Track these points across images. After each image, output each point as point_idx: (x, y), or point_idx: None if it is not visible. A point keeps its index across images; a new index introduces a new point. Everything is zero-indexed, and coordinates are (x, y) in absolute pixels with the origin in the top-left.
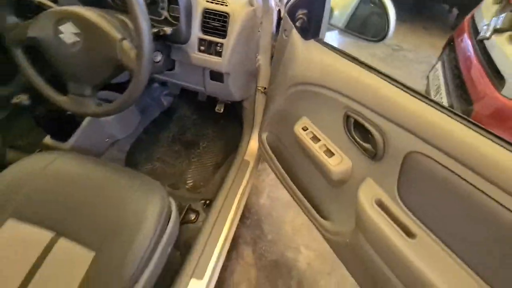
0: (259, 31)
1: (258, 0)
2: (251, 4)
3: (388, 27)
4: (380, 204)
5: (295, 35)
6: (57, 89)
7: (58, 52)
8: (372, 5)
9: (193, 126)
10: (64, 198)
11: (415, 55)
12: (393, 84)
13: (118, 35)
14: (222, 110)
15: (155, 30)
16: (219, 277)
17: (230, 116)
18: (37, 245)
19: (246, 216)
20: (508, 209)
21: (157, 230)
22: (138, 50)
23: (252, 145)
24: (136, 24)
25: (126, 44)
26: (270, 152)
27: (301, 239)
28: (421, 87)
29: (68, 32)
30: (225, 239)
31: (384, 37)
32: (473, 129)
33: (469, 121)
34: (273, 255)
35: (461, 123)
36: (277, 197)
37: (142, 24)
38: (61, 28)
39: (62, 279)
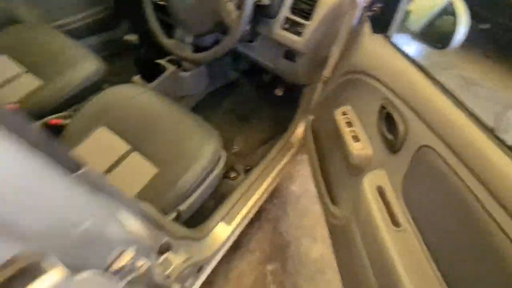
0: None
1: None
2: None
3: (453, 36)
4: (381, 192)
5: (366, 26)
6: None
7: (178, 3)
8: (450, 16)
9: (250, 103)
10: (144, 123)
11: (490, 94)
12: (431, 83)
13: None
14: (280, 94)
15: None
16: (238, 240)
17: (286, 102)
18: (116, 151)
19: (275, 195)
20: (501, 228)
21: (207, 168)
22: (240, 12)
23: (300, 131)
24: None
25: (231, 5)
26: (310, 134)
27: (320, 231)
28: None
29: None
30: (255, 202)
31: (446, 45)
32: (488, 136)
33: (486, 128)
34: (290, 237)
35: (477, 128)
36: (307, 189)
37: None
38: None
39: (129, 181)
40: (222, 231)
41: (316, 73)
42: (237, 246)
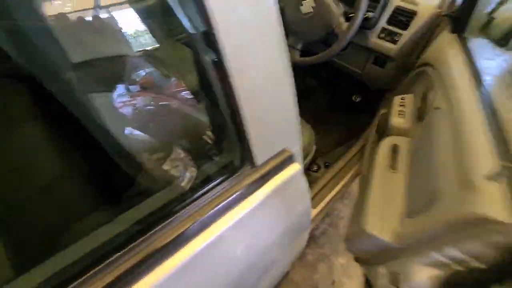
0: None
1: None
2: (439, 7)
3: None
4: (393, 149)
5: (446, 27)
6: None
7: (294, 16)
8: None
9: (327, 107)
10: None
11: None
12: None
13: (339, 11)
14: (357, 100)
15: None
16: (312, 232)
17: (362, 107)
18: None
19: (345, 196)
20: None
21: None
22: (350, 24)
23: None
24: (358, 5)
25: (342, 18)
26: (376, 123)
27: None
28: None
29: (307, 6)
30: (334, 195)
31: None
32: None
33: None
34: None
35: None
36: None
37: (362, 5)
38: (304, 2)
39: None
40: None
41: (401, 78)
42: (311, 237)
